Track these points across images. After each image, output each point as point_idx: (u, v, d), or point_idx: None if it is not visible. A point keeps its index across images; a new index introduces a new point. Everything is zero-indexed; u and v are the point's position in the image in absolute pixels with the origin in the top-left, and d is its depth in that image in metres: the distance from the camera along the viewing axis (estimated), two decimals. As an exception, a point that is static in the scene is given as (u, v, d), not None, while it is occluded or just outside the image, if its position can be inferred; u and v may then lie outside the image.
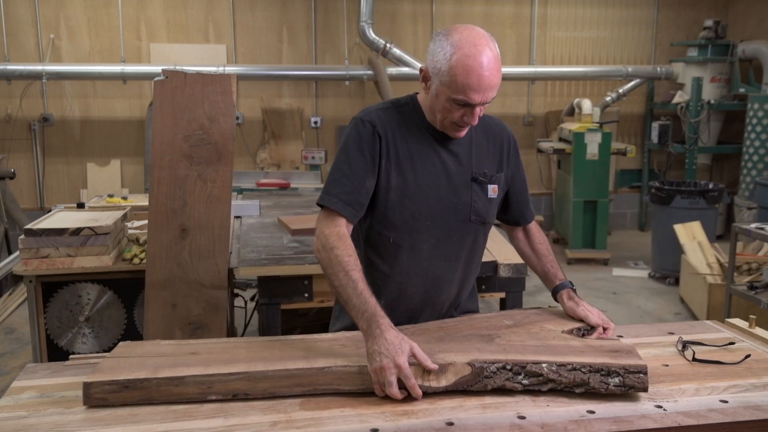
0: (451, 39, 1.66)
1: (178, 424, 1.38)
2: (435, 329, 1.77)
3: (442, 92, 1.69)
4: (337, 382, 1.50)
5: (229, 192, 2.66)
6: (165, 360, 1.56)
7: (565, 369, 1.49)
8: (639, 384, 1.48)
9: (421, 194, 1.78)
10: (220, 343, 1.70)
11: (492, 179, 1.87)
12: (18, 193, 6.83)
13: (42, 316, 2.95)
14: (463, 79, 1.63)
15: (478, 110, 1.70)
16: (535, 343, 1.65)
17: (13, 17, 6.77)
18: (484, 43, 1.65)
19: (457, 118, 1.72)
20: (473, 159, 1.84)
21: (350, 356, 1.56)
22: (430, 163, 1.80)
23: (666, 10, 8.03)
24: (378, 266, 1.84)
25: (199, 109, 2.56)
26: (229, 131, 2.61)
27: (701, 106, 7.21)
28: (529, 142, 7.91)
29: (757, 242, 5.06)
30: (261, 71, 6.99)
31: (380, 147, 1.76)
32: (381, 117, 1.79)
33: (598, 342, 1.67)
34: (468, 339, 1.68)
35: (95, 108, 7.07)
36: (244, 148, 7.29)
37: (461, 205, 1.82)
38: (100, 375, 1.48)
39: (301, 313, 3.79)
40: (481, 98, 1.66)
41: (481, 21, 7.64)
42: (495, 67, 1.65)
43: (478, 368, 1.49)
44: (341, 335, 1.75)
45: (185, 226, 2.61)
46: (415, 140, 1.79)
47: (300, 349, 1.63)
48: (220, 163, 2.60)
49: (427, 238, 1.81)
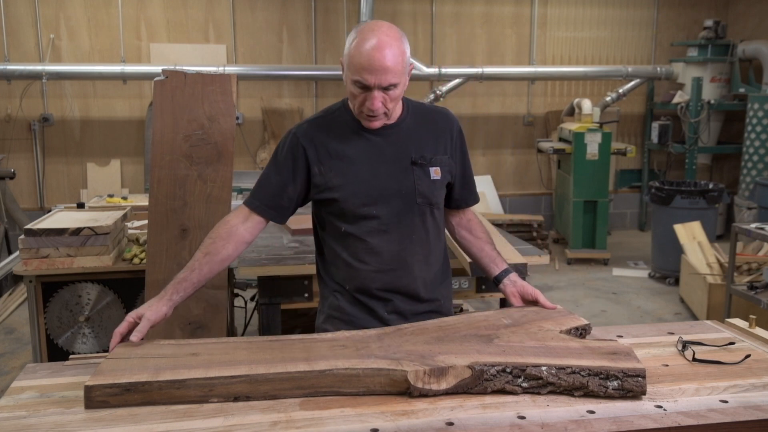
0: (358, 27, 1.80)
1: (178, 424, 1.38)
2: (434, 329, 1.76)
3: (346, 74, 1.81)
4: (338, 385, 1.50)
5: (229, 192, 2.65)
6: (166, 362, 1.56)
7: (564, 372, 1.49)
8: (637, 387, 1.48)
9: (362, 186, 1.88)
10: (221, 344, 1.70)
11: (432, 161, 1.94)
12: (18, 193, 6.83)
13: (42, 316, 2.95)
14: (358, 60, 1.74)
15: (376, 94, 1.77)
16: (534, 344, 1.64)
17: (13, 17, 6.77)
18: (384, 31, 1.77)
19: (359, 104, 1.82)
20: (411, 145, 1.92)
21: (351, 358, 1.56)
22: (365, 156, 1.90)
23: (666, 10, 8.03)
24: (342, 256, 1.93)
25: (199, 109, 2.56)
26: (229, 131, 2.61)
27: (701, 106, 7.21)
28: (529, 142, 7.92)
29: (757, 242, 5.07)
30: (261, 71, 6.99)
31: (306, 156, 1.89)
32: (309, 128, 1.93)
33: (596, 343, 1.66)
34: (467, 339, 1.67)
35: (95, 108, 7.07)
36: (244, 148, 7.29)
37: (405, 190, 1.90)
38: (101, 378, 1.47)
39: (301, 313, 3.79)
40: (375, 80, 1.75)
41: (481, 21, 7.65)
42: (388, 51, 1.74)
43: (478, 371, 1.49)
44: (341, 335, 1.75)
45: (185, 226, 2.61)
46: (346, 139, 1.91)
47: (300, 350, 1.63)
48: (220, 163, 2.60)
49: (376, 225, 1.90)
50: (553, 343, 1.65)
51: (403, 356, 1.56)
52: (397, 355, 1.57)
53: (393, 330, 1.75)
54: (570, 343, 1.65)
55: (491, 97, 7.84)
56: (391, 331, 1.75)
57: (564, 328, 1.74)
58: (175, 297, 1.76)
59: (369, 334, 1.73)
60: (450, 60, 7.54)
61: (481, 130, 7.84)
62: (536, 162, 7.89)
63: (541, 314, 1.86)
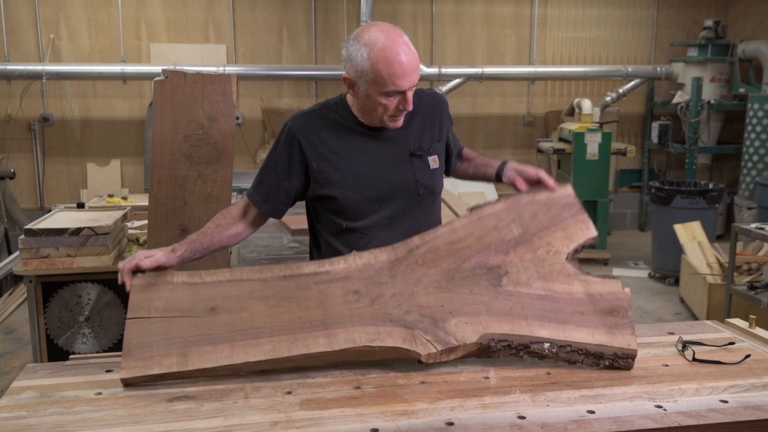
0: (362, 40, 1.76)
1: (178, 424, 1.38)
2: (445, 251, 1.75)
3: (372, 90, 1.78)
4: (356, 357, 1.61)
5: (229, 192, 2.66)
6: (188, 330, 1.60)
7: (564, 351, 1.62)
8: (626, 366, 1.63)
9: (363, 182, 1.88)
10: (235, 287, 1.69)
11: (430, 150, 1.96)
12: (18, 193, 6.83)
13: (42, 316, 2.95)
14: (388, 71, 1.73)
15: (410, 95, 1.80)
16: (541, 291, 1.70)
17: (13, 17, 6.77)
18: (393, 33, 1.76)
19: (393, 110, 1.81)
20: (409, 137, 1.94)
21: (366, 322, 1.61)
22: (365, 151, 1.90)
23: (666, 10, 8.03)
24: (342, 252, 1.91)
25: (199, 109, 2.56)
26: (229, 131, 2.60)
27: (701, 106, 7.21)
28: (529, 142, 7.91)
29: (757, 242, 5.07)
30: (261, 71, 6.99)
31: (303, 151, 1.88)
32: (306, 122, 1.91)
33: (597, 287, 1.72)
34: (476, 282, 1.70)
35: (95, 108, 7.07)
36: (244, 148, 7.29)
37: (406, 182, 1.91)
38: (132, 361, 1.55)
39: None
40: (409, 83, 1.77)
41: (481, 21, 7.65)
42: (411, 51, 1.77)
43: (485, 346, 1.61)
44: (354, 266, 1.72)
45: (185, 226, 2.61)
46: (344, 134, 1.90)
47: (316, 304, 1.65)
48: (220, 163, 2.60)
49: (379, 220, 1.91)
50: (559, 286, 1.71)
51: (416, 320, 1.62)
52: (411, 317, 1.63)
53: (404, 254, 1.74)
54: (573, 288, 1.72)
55: (491, 97, 7.83)
56: (403, 255, 1.74)
57: (571, 248, 1.78)
58: (186, 254, 1.79)
59: (381, 265, 1.72)
60: (450, 60, 7.54)
61: (481, 130, 7.84)
62: (536, 162, 7.88)
63: (550, 213, 1.83)
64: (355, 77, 1.79)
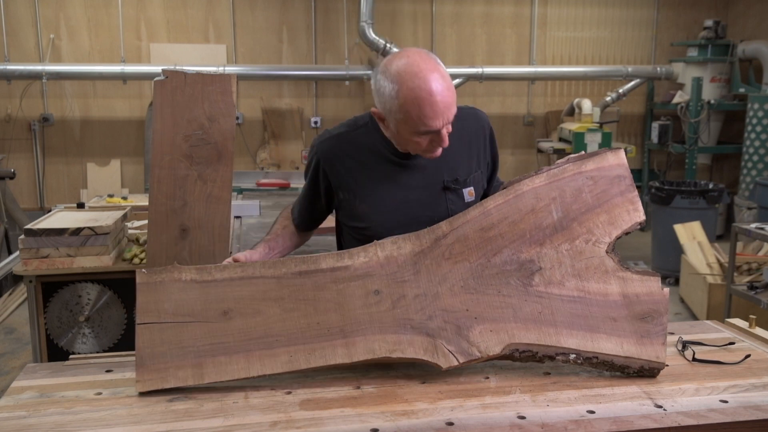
0: (390, 74, 1.61)
1: (178, 424, 1.38)
2: (474, 242, 1.59)
3: (402, 129, 1.65)
4: (374, 364, 1.60)
5: (229, 192, 2.65)
6: (201, 338, 1.54)
7: (589, 362, 1.57)
8: (650, 376, 1.58)
9: (390, 216, 1.77)
10: (247, 287, 1.58)
11: (466, 182, 1.83)
12: (18, 193, 6.83)
13: (42, 316, 2.95)
14: (418, 112, 1.59)
15: (444, 132, 1.66)
16: (575, 292, 1.57)
17: (13, 17, 6.77)
18: (425, 67, 1.60)
19: (426, 146, 1.68)
20: (443, 167, 1.79)
21: (386, 330, 1.54)
22: (395, 183, 1.77)
23: (666, 10, 8.03)
24: None
25: (199, 109, 2.56)
26: (229, 131, 2.60)
27: (701, 106, 7.21)
28: (529, 142, 7.92)
29: (757, 242, 5.06)
30: (261, 71, 6.99)
31: (328, 180, 1.83)
32: (332, 148, 1.81)
33: (634, 288, 1.57)
34: (506, 281, 1.57)
35: (95, 108, 7.07)
36: (244, 148, 7.29)
37: (438, 218, 1.68)
38: (147, 374, 1.52)
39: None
40: (442, 122, 1.63)
41: (481, 21, 7.65)
42: (445, 87, 1.60)
43: (509, 354, 1.56)
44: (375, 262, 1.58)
45: (185, 226, 2.60)
46: (373, 164, 1.78)
47: (334, 307, 1.55)
48: (220, 163, 2.60)
49: None
50: (594, 285, 1.58)
51: (439, 327, 1.54)
52: (433, 323, 1.54)
53: (430, 244, 1.59)
54: (609, 287, 1.58)
55: (491, 97, 7.83)
56: (429, 245, 1.59)
57: (613, 237, 1.61)
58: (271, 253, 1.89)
59: (405, 258, 1.59)
60: (450, 60, 7.54)
61: (481, 130, 7.84)
62: (536, 162, 7.88)
63: (597, 189, 1.63)
64: (384, 113, 1.67)
